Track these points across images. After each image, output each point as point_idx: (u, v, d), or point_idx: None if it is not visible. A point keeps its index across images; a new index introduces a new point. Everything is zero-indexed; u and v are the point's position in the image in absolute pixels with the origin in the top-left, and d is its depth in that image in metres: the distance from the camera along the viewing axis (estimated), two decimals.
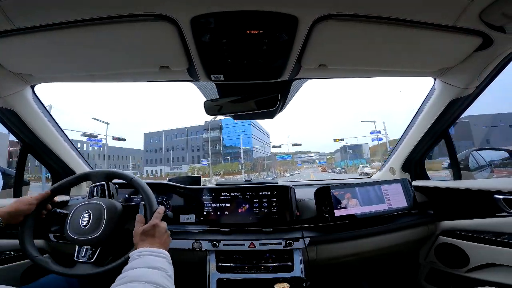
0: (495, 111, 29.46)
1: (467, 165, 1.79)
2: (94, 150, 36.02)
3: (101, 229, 0.94)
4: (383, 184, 1.45)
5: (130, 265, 0.72)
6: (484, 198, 1.26)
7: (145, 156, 51.17)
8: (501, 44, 0.94)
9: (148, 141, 51.71)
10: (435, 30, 0.84)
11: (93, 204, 0.99)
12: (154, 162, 49.24)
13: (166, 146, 49.25)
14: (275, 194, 1.39)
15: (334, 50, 0.95)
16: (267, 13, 0.74)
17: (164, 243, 0.87)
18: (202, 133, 48.66)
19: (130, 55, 0.96)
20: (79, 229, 0.95)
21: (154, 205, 0.99)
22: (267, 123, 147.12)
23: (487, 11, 0.75)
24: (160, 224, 0.90)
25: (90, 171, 1.15)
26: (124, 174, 1.10)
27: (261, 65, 1.00)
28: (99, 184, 1.07)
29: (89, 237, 0.93)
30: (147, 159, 50.40)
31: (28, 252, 0.95)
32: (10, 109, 1.22)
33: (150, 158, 50.35)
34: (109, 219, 0.96)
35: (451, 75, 1.17)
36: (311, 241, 1.28)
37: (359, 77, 1.24)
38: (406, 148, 1.66)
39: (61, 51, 0.91)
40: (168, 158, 48.06)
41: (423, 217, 1.46)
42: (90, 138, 22.70)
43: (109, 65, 1.03)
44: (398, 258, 1.62)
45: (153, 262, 0.73)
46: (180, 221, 1.39)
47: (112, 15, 0.74)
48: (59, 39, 0.84)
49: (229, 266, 1.25)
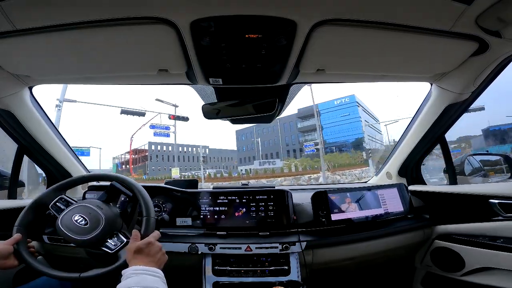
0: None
1: (463, 170, 1.80)
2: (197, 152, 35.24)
3: (95, 233, 0.94)
4: (380, 188, 1.46)
5: (125, 284, 0.71)
6: (479, 202, 1.27)
7: (238, 155, 49.10)
8: (497, 49, 0.95)
9: (240, 138, 49.57)
10: (431, 35, 0.85)
11: (90, 207, 0.99)
12: (247, 160, 47.47)
13: (258, 141, 46.35)
14: (272, 198, 1.39)
15: (332, 55, 0.96)
16: (266, 18, 0.75)
17: (159, 262, 0.86)
18: (297, 122, 44.41)
19: (129, 58, 0.96)
20: (74, 227, 0.94)
21: (151, 214, 1.00)
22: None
23: (483, 16, 0.76)
24: (155, 242, 0.90)
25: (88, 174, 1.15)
26: (125, 179, 1.10)
27: (260, 69, 1.01)
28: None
29: (83, 237, 0.93)
30: (241, 157, 48.30)
31: (23, 257, 0.95)
32: (7, 110, 1.22)
33: (244, 156, 48.25)
34: (105, 224, 0.96)
35: (447, 80, 1.18)
36: (308, 245, 1.28)
37: (356, 82, 1.25)
38: (403, 153, 1.67)
39: (60, 52, 0.91)
40: (265, 154, 44.73)
41: (419, 221, 1.47)
42: (154, 126, 20.31)
43: (107, 67, 1.03)
44: (394, 262, 1.63)
45: (148, 281, 0.73)
46: (176, 224, 1.38)
47: (112, 17, 0.74)
48: (58, 41, 0.84)
49: (225, 270, 1.24)
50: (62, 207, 1.02)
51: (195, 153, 53.04)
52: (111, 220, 0.99)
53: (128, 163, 55.15)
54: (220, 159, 56.48)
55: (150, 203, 1.04)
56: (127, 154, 57.55)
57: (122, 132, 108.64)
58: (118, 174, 1.17)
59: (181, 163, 50.04)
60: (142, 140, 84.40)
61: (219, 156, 56.92)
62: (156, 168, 50.03)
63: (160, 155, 52.19)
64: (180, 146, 52.41)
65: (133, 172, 50.01)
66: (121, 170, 57.06)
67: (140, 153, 54.92)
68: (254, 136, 46.64)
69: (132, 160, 53.09)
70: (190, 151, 54.87)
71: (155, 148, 52.29)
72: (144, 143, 53.85)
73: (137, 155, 55.23)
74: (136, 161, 55.00)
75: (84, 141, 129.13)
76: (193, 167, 49.84)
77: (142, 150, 54.19)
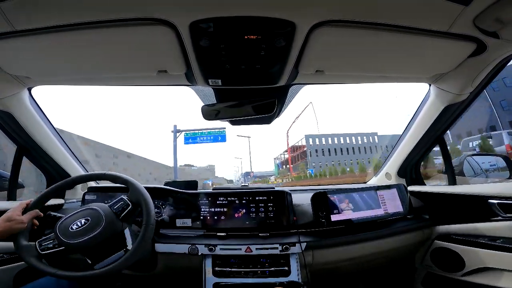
0: None
1: (462, 170, 1.80)
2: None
3: (93, 235, 0.94)
4: (379, 189, 1.47)
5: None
6: (478, 203, 1.27)
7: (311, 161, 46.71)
8: (494, 50, 0.95)
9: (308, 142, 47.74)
10: (429, 36, 0.86)
11: (91, 210, 1.00)
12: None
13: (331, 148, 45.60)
14: (271, 199, 1.39)
15: (331, 56, 0.96)
16: (265, 19, 0.75)
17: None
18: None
19: (128, 59, 0.96)
20: (70, 232, 0.95)
21: (152, 213, 1.01)
22: None
23: (481, 17, 0.76)
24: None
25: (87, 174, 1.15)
26: (122, 178, 1.11)
27: (259, 70, 1.01)
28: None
29: (78, 240, 0.93)
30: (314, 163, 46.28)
31: (25, 258, 0.96)
32: (6, 111, 1.22)
33: (313, 162, 46.34)
34: (105, 226, 0.96)
35: (445, 81, 1.19)
36: (308, 246, 1.28)
37: (355, 83, 1.25)
38: (402, 154, 1.67)
39: (59, 54, 0.91)
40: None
41: (418, 221, 1.47)
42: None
43: (106, 68, 1.03)
44: (394, 263, 1.63)
45: None
46: (176, 226, 1.38)
47: (111, 18, 0.75)
48: (57, 42, 0.84)
49: (225, 271, 1.24)
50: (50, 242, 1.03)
51: (362, 143, 48.80)
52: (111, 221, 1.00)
53: (287, 162, 52.45)
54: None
55: (147, 196, 1.06)
56: (285, 153, 55.45)
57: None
58: (114, 172, 1.17)
59: (345, 156, 46.69)
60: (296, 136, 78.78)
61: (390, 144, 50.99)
62: (317, 164, 45.71)
63: (319, 149, 47.83)
64: (341, 137, 49.07)
65: (293, 171, 47.27)
66: (282, 170, 54.42)
67: (298, 149, 52.23)
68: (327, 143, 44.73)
69: (290, 158, 50.38)
70: (354, 142, 48.86)
71: (313, 142, 48.18)
72: (300, 137, 50.09)
73: (295, 153, 52.43)
74: (295, 159, 52.34)
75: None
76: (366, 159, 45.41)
77: (299, 146, 51.20)
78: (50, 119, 1.43)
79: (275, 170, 44.41)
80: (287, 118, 58.85)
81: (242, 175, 61.96)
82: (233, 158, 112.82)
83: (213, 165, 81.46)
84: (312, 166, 44.67)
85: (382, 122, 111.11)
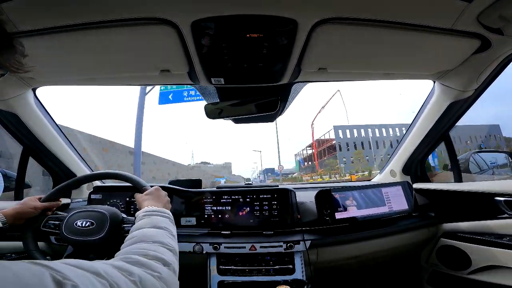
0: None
1: (468, 167, 1.79)
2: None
3: (101, 235, 0.94)
4: (384, 186, 1.46)
5: (137, 225, 0.75)
6: (485, 200, 1.26)
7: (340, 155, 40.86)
8: (499, 47, 0.94)
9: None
10: (433, 33, 0.85)
11: (96, 211, 1.00)
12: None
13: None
14: (275, 197, 1.39)
15: (333, 53, 0.95)
16: (267, 17, 0.75)
17: (166, 205, 0.93)
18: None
19: (131, 59, 0.96)
20: (76, 230, 0.95)
21: (141, 182, 1.03)
22: None
23: (485, 13, 0.76)
24: (161, 189, 0.97)
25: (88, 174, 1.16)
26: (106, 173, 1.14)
27: (261, 69, 1.01)
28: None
29: (87, 238, 0.93)
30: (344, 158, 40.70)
31: (33, 255, 0.96)
32: (12, 112, 1.23)
33: (343, 157, 40.73)
34: (111, 226, 0.97)
35: (450, 77, 1.18)
36: (312, 244, 1.28)
37: (358, 80, 1.24)
38: (407, 151, 1.66)
39: (62, 54, 0.92)
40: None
41: (424, 219, 1.46)
42: None
43: (109, 68, 1.04)
44: (400, 261, 1.62)
45: (158, 222, 0.77)
46: (181, 224, 1.39)
47: (114, 18, 0.75)
48: (60, 43, 0.84)
49: (230, 269, 1.25)
50: (56, 222, 1.04)
51: (394, 136, 41.64)
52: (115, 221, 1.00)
53: (311, 158, 45.31)
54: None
55: (128, 174, 1.07)
56: (308, 148, 47.67)
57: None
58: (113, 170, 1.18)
59: (381, 150, 40.37)
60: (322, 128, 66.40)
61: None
62: (348, 160, 40.46)
63: (351, 142, 41.69)
64: (376, 128, 42.81)
65: (319, 167, 41.10)
66: (304, 168, 47.29)
67: (324, 143, 45.32)
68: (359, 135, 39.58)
69: (316, 153, 43.83)
70: (385, 134, 42.66)
71: (343, 134, 41.87)
72: (327, 129, 42.75)
73: (320, 147, 46.00)
74: (320, 154, 45.77)
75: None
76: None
77: (326, 140, 44.49)
78: (54, 119, 1.44)
79: (296, 167, 41.66)
80: (310, 110, 52.91)
81: (261, 172, 55.33)
82: (251, 152, 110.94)
83: (229, 163, 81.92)
84: (343, 161, 40.05)
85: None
